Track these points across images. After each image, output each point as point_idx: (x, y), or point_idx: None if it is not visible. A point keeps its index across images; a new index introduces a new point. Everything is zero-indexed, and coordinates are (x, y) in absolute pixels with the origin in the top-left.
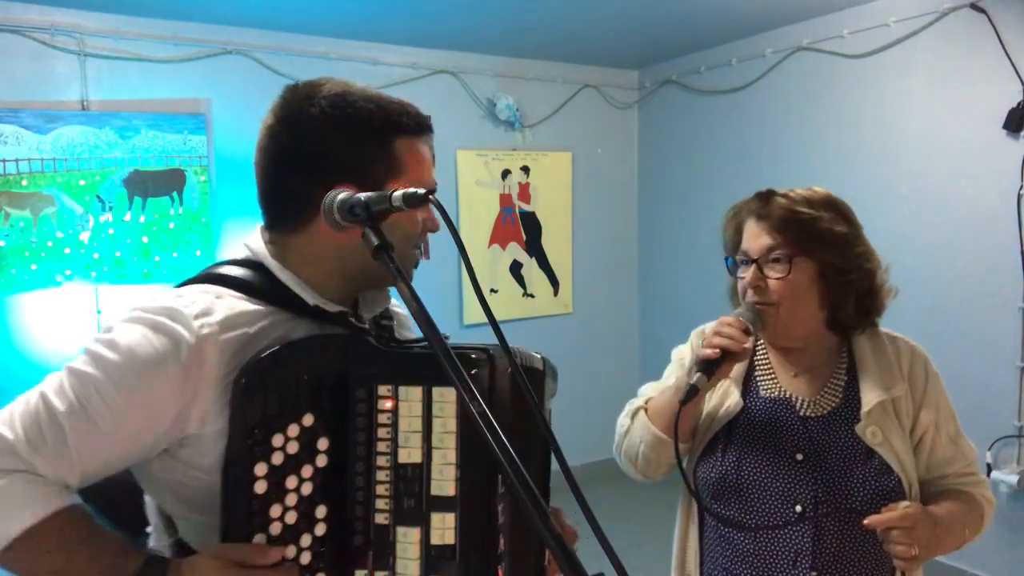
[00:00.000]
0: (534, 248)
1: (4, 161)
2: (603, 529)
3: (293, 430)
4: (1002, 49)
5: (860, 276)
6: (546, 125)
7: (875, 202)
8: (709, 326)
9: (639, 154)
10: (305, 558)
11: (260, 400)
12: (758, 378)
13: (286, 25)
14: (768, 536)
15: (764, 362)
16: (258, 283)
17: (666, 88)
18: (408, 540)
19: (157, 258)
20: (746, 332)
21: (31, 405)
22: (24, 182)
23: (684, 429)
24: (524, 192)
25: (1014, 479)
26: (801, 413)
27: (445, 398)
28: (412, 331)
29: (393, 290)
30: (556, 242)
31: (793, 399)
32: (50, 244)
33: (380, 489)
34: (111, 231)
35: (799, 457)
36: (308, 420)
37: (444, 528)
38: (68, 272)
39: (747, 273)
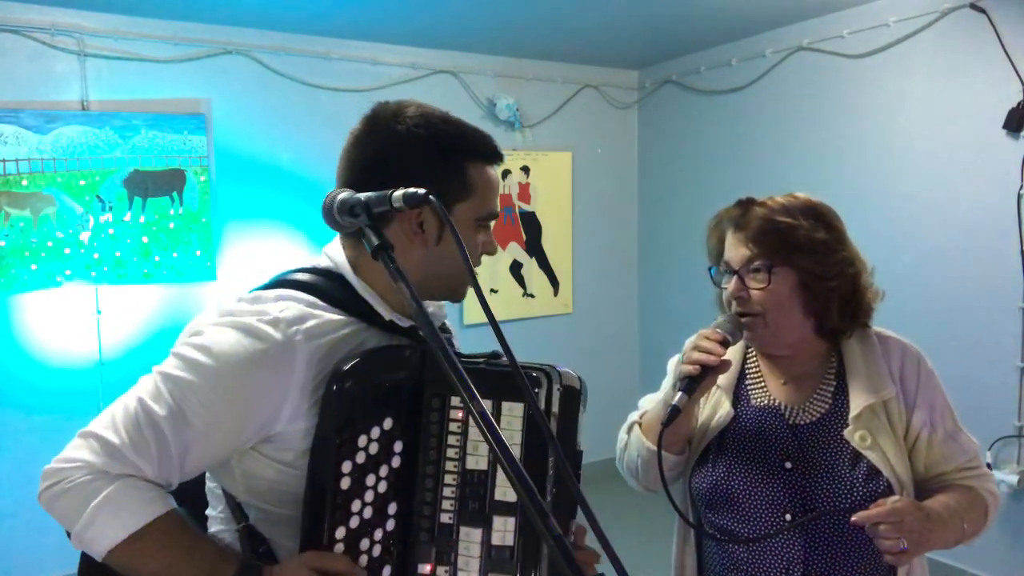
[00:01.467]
0: (534, 248)
1: (4, 161)
2: (603, 529)
3: (375, 432)
4: (1002, 49)
5: (842, 282)
6: (546, 125)
7: (875, 202)
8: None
9: (639, 154)
10: (376, 550)
11: (350, 404)
12: (748, 387)
13: (286, 25)
14: (761, 544)
15: (754, 370)
16: (339, 295)
17: (666, 88)
18: (471, 540)
19: (157, 258)
20: (724, 343)
21: (131, 410)
22: (24, 182)
23: (676, 443)
24: (524, 192)
25: (1014, 479)
26: (790, 421)
27: (513, 413)
28: (458, 343)
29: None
30: (556, 242)
31: (782, 407)
32: (50, 244)
33: (447, 491)
34: (111, 231)
35: (788, 465)
36: (388, 423)
37: (505, 531)
38: (68, 272)
39: (730, 284)
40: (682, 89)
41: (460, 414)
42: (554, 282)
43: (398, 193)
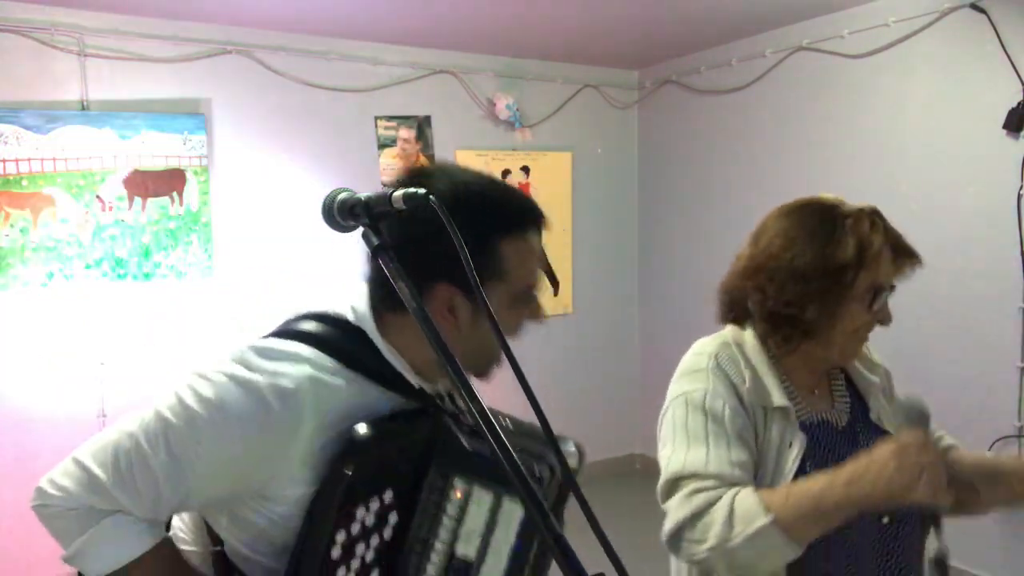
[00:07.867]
0: None
1: (4, 161)
2: (603, 529)
3: (374, 504)
4: (1002, 49)
5: None
6: (546, 125)
7: (874, 202)
8: (707, 346)
9: (639, 154)
10: None
11: (355, 478)
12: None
13: (286, 25)
14: (855, 550)
15: (788, 385)
16: (358, 355)
17: (666, 88)
18: None
19: (157, 258)
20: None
21: (124, 447)
22: (24, 182)
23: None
24: (524, 192)
25: None
26: (838, 428)
27: (512, 513)
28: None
29: None
30: (556, 242)
31: (828, 417)
32: (50, 244)
33: (431, 570)
34: (111, 231)
35: None
36: (388, 496)
37: None
38: (68, 272)
39: (884, 304)
40: (682, 89)
41: (459, 494)
42: (554, 282)
43: (398, 194)
